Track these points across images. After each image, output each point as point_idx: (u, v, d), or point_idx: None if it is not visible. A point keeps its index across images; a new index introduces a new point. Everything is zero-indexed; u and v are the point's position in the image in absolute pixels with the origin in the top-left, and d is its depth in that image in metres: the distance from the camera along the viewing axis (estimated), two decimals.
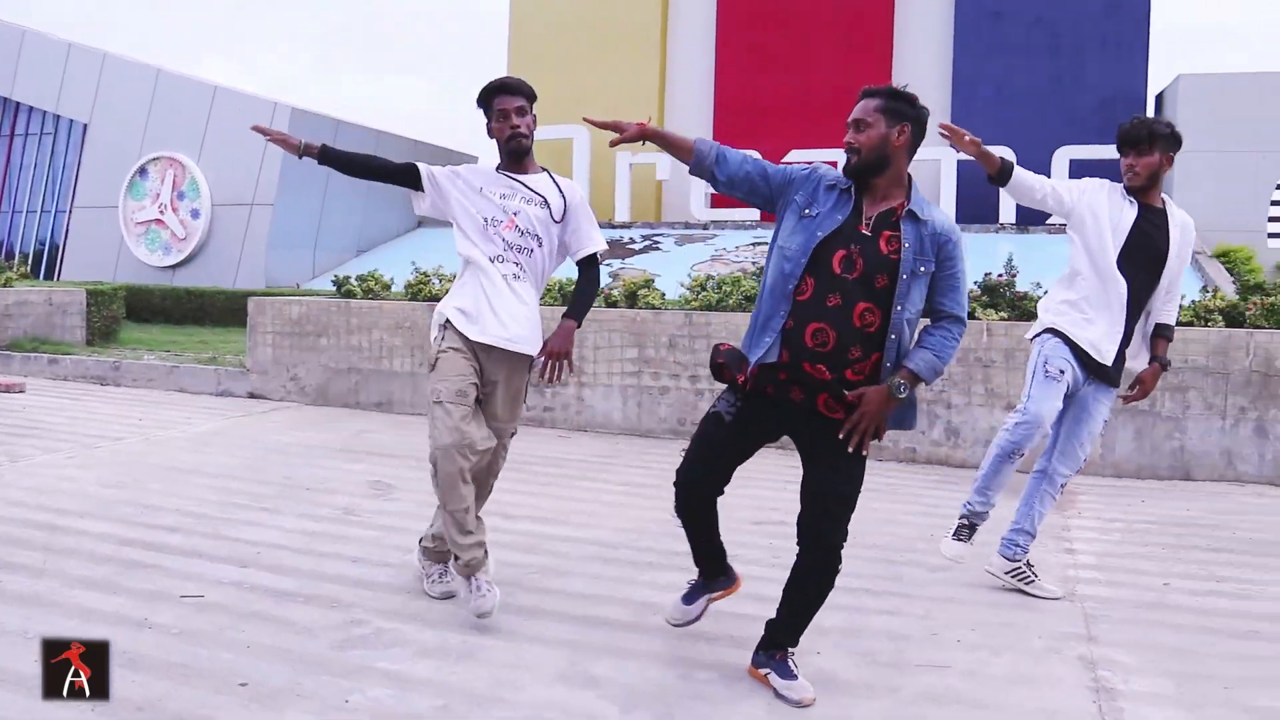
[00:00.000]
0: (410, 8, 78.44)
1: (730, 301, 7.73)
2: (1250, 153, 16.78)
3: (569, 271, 4.15)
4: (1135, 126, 3.98)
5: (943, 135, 3.84)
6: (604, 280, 17.94)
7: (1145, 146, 3.93)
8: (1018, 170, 3.95)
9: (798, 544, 3.07)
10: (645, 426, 7.59)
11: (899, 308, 2.88)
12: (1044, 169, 17.72)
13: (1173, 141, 3.97)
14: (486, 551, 3.64)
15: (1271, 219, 17.28)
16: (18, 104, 21.41)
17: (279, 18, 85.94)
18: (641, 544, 4.68)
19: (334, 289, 9.53)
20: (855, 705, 3.00)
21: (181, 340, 12.90)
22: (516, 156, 3.66)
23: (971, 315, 7.30)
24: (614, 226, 19.65)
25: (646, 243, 18.67)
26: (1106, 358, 3.93)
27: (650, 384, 7.59)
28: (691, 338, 7.47)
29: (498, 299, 3.58)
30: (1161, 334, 4.10)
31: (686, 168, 3.15)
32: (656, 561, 4.39)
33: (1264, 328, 6.82)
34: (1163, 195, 4.07)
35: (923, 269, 2.90)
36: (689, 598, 3.40)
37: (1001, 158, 3.90)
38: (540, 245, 3.66)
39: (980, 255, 15.19)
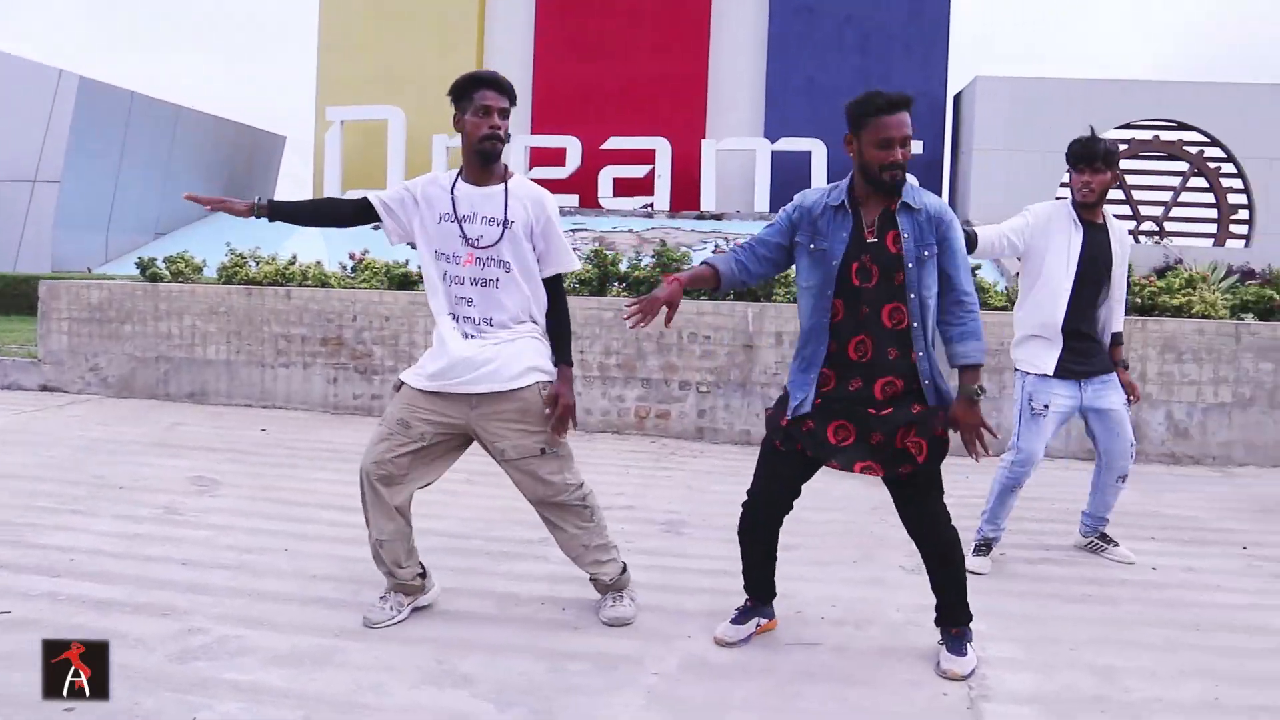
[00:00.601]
0: None
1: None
2: (1038, 152, 18.01)
3: None
4: (1092, 145, 4.16)
5: None
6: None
7: (1100, 165, 4.13)
8: (980, 239, 4.18)
9: (914, 541, 3.28)
10: None
11: (912, 296, 2.99)
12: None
13: (1117, 161, 4.24)
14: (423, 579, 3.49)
15: None
16: None
17: None
18: (492, 533, 4.54)
19: (137, 272, 8.85)
20: (732, 687, 2.98)
21: None
22: (486, 160, 3.27)
23: (770, 299, 7.50)
24: None
25: None
26: (1049, 368, 4.21)
27: None
28: None
29: (451, 347, 3.27)
30: (1116, 342, 4.42)
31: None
32: (511, 551, 4.27)
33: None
34: (1104, 209, 4.32)
35: (926, 253, 3.00)
36: (740, 619, 3.37)
37: (966, 230, 4.08)
38: (509, 270, 3.27)
39: None
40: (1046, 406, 4.22)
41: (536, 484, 3.34)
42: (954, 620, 3.22)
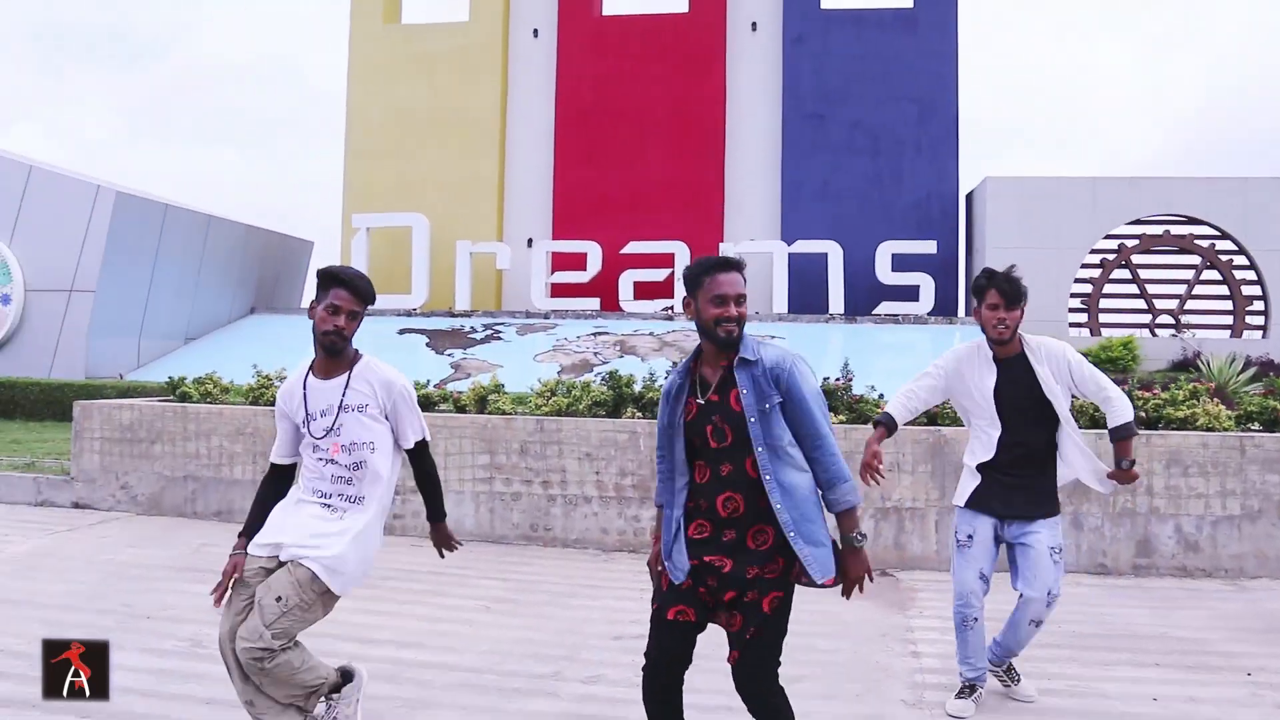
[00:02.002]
0: (234, 80, 76.57)
1: (580, 407, 7.84)
2: (1049, 249, 18.29)
3: None
4: (1011, 283, 4.13)
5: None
6: (445, 370, 17.36)
7: (1015, 302, 4.12)
8: (896, 415, 4.25)
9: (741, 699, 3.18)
10: (498, 533, 7.56)
11: (760, 449, 3.03)
12: (869, 263, 18.82)
13: (1024, 295, 4.21)
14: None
15: (1071, 310, 18.82)
16: None
17: (91, 82, 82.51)
18: (506, 668, 4.67)
19: (168, 389, 9.15)
20: None
21: None
22: (328, 353, 3.55)
23: None
24: (454, 315, 19.59)
25: (488, 332, 18.67)
26: (963, 499, 4.29)
27: (502, 490, 7.60)
28: (543, 444, 7.53)
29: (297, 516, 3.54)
30: (1118, 437, 4.23)
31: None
32: (524, 688, 4.39)
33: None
34: (1020, 335, 4.24)
35: (768, 405, 3.05)
36: None
37: (877, 424, 4.23)
38: (374, 450, 3.56)
39: (812, 344, 15.91)
40: (970, 537, 4.27)
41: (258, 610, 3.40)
42: None
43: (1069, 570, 6.90)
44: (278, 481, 3.71)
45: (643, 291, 19.58)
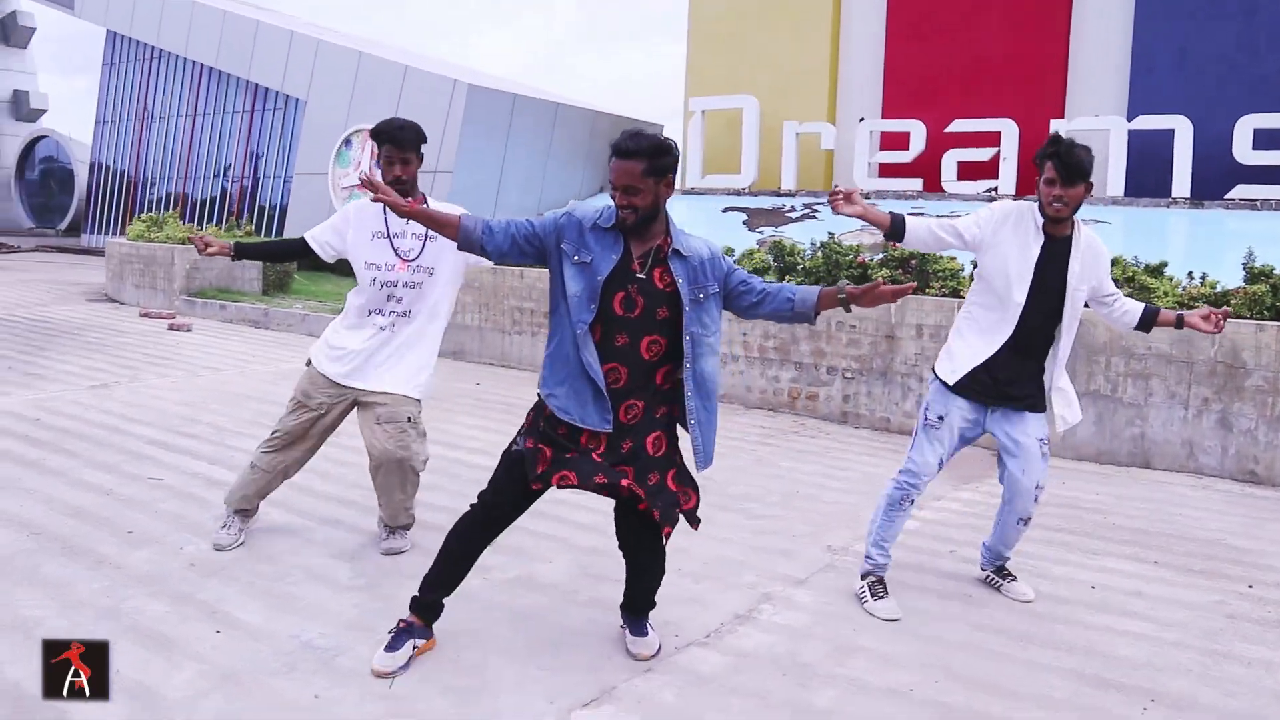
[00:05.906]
0: None
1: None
2: None
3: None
4: (1071, 157, 3.71)
5: (833, 200, 3.75)
6: (751, 245, 18.32)
7: (1072, 179, 3.72)
8: (910, 223, 3.87)
9: (625, 554, 3.46)
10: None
11: (688, 337, 3.11)
12: (1225, 139, 16.77)
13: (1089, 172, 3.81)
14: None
15: None
16: (255, 84, 24.94)
17: None
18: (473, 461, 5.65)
19: None
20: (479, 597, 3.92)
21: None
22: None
23: (956, 293, 7.60)
24: (779, 194, 20.22)
25: (805, 211, 19.12)
26: (952, 378, 3.94)
27: None
28: None
29: (364, 345, 4.07)
30: (1151, 317, 4.06)
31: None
32: (479, 478, 5.29)
33: (1245, 318, 6.56)
34: (1076, 220, 3.90)
35: (701, 295, 3.13)
36: (394, 645, 3.28)
37: (890, 213, 3.82)
38: (431, 275, 4.01)
39: (1148, 231, 14.68)
40: (941, 419, 3.96)
41: (390, 443, 4.06)
42: (642, 611, 3.50)
43: (1211, 474, 6.47)
44: (299, 249, 4.19)
45: (966, 172, 18.94)
